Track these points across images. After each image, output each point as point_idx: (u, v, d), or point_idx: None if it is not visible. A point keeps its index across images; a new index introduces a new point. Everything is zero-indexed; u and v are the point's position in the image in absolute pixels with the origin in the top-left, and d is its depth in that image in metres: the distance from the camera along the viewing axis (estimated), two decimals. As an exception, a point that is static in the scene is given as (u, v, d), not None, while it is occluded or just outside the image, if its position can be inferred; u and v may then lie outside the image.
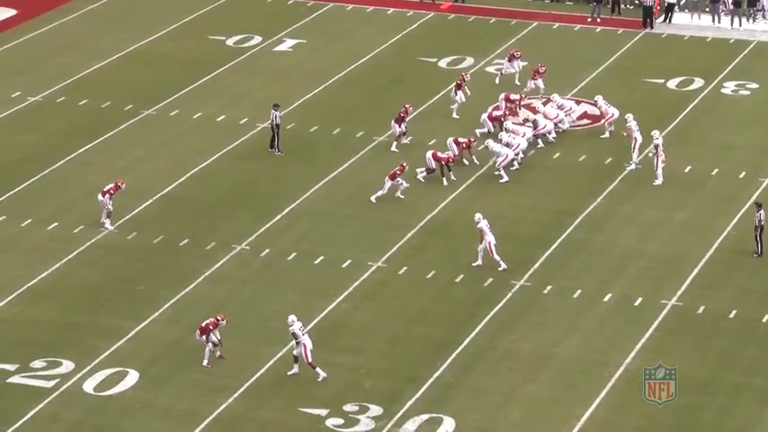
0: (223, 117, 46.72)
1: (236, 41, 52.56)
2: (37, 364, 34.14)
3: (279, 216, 40.77)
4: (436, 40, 52.84)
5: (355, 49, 51.60)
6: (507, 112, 45.20)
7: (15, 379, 33.65)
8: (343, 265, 38.36)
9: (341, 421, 32.31)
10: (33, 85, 48.75)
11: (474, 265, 37.79)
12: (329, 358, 34.42)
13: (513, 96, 46.09)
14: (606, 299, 37.05)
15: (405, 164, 41.62)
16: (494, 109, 45.40)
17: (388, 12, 55.33)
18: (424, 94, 48.03)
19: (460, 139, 43.23)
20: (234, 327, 34.84)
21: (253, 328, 35.50)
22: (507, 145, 42.80)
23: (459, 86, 46.13)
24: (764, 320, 36.08)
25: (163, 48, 51.92)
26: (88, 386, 33.47)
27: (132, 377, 33.79)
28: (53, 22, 53.99)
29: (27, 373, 33.83)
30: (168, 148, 44.77)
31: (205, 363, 33.82)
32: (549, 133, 44.55)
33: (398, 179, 41.22)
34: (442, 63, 50.91)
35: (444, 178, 42.18)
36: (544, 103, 46.22)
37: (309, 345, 33.37)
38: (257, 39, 52.72)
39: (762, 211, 38.67)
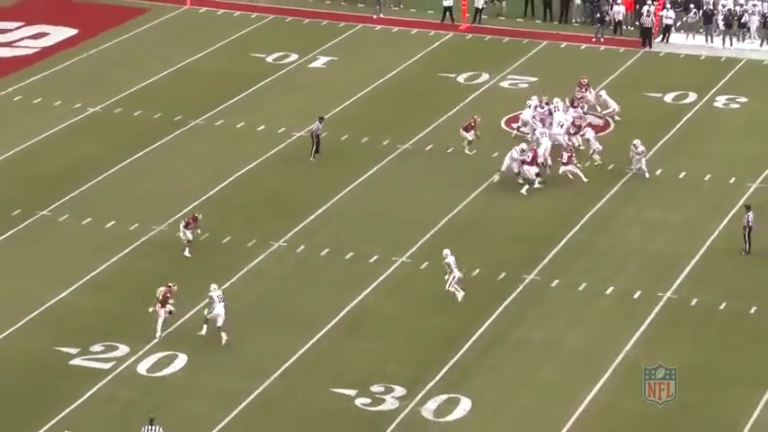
0: (263, 127, 46.81)
1: (275, 59, 52.64)
2: (96, 348, 34.29)
3: (312, 216, 40.84)
4: (455, 58, 52.81)
5: (382, 66, 51.62)
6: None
7: (76, 361, 33.81)
8: (371, 261, 38.41)
9: (368, 401, 32.37)
10: (93, 97, 48.89)
11: (459, 301, 35.95)
12: (358, 344, 34.51)
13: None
14: (608, 292, 37.03)
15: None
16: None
17: (412, 32, 55.35)
18: (444, 106, 48.03)
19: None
20: (271, 315, 34.96)
21: (288, 317, 35.57)
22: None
23: (468, 128, 43.95)
24: (752, 312, 36.00)
25: (209, 64, 52.02)
26: (141, 368, 33.60)
27: (181, 360, 33.91)
28: (110, 41, 54.14)
29: (87, 356, 33.99)
30: (213, 154, 44.89)
31: (158, 333, 34.26)
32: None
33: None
34: (461, 78, 50.90)
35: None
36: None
37: (223, 314, 33.76)
38: (294, 56, 52.77)
39: (750, 213, 38.60)
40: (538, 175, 41.78)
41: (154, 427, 29.87)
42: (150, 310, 34.54)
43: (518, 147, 42.47)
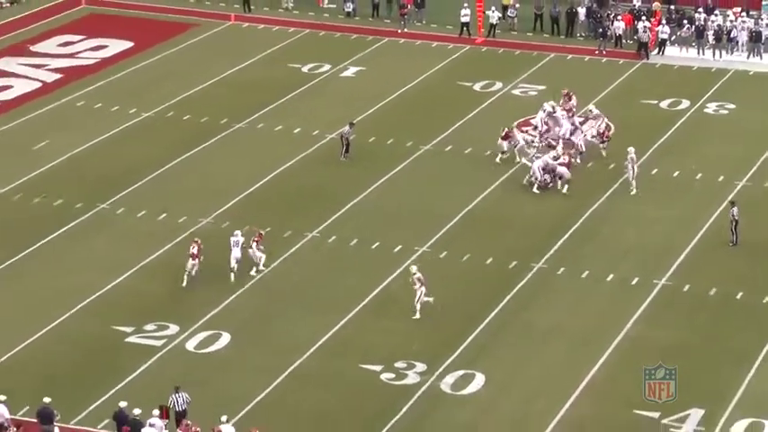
0: (299, 130, 46.77)
1: (309, 69, 52.57)
2: (149, 327, 34.34)
3: (343, 210, 40.78)
4: (471, 68, 52.64)
5: (406, 75, 51.48)
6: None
7: (131, 339, 33.88)
8: (395, 250, 38.34)
9: (393, 375, 32.32)
10: (147, 103, 48.92)
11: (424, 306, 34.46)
12: (384, 325, 34.45)
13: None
14: (609, 279, 36.87)
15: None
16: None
17: (433, 45, 55.20)
18: (462, 112, 47.89)
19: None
20: (305, 298, 34.93)
21: (321, 300, 35.53)
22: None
23: (506, 137, 43.48)
24: (738, 297, 35.81)
25: (251, 74, 52.00)
26: (189, 345, 33.65)
27: (225, 338, 33.93)
28: (163, 53, 54.17)
29: (141, 334, 34.05)
30: (254, 154, 44.87)
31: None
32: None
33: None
34: (476, 87, 50.73)
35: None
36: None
37: (238, 256, 35.94)
38: (327, 66, 52.70)
39: (735, 208, 38.38)
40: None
41: (180, 395, 29.76)
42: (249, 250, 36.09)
43: (551, 153, 41.88)
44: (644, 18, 54.30)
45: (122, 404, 29.48)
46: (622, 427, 30.48)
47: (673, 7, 55.98)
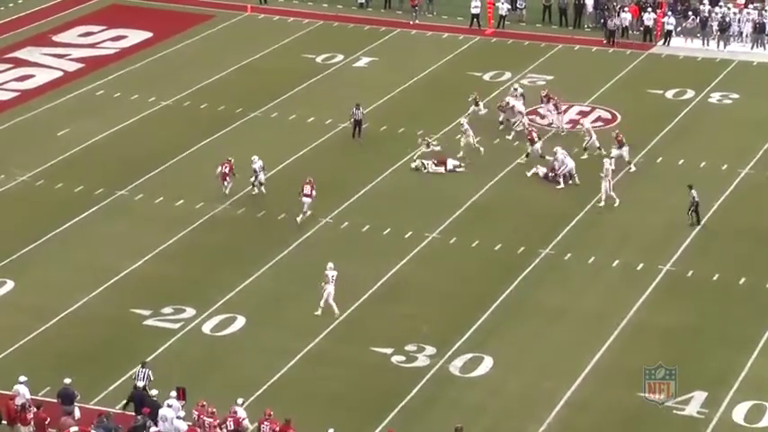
0: (312, 118, 46.67)
1: (323, 59, 52.45)
2: (166, 310, 34.34)
3: (356, 196, 40.70)
4: (481, 59, 52.48)
5: (417, 66, 51.34)
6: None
7: (149, 322, 33.88)
8: (406, 236, 38.26)
9: (403, 358, 32.28)
10: (165, 92, 48.87)
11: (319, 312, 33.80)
12: (395, 309, 34.39)
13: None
14: (614, 265, 36.75)
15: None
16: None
17: (444, 36, 55.02)
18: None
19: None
20: (318, 283, 34.81)
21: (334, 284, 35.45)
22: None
23: (531, 141, 42.57)
24: (741, 283, 35.67)
25: (266, 63, 51.91)
26: (206, 328, 33.65)
27: (240, 321, 33.91)
28: (181, 43, 54.09)
29: (158, 317, 34.05)
30: (269, 142, 44.79)
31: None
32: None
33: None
34: (486, 77, 50.55)
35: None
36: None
37: (262, 178, 39.06)
38: (340, 57, 52.56)
39: (694, 191, 38.21)
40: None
41: (144, 371, 29.64)
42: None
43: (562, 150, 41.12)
44: (650, 9, 54.09)
45: (140, 383, 29.49)
46: (627, 409, 30.40)
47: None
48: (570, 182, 40.90)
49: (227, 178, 40.09)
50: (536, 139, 42.71)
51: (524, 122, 44.31)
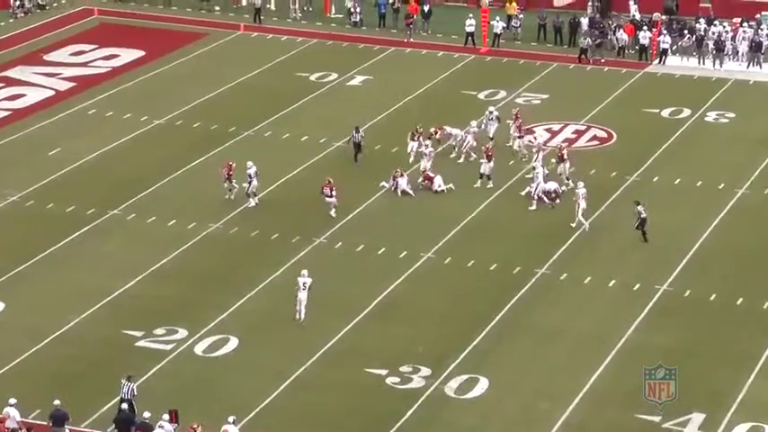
0: (306, 137, 46.63)
1: (317, 77, 52.48)
2: (159, 331, 34.19)
3: (350, 216, 40.63)
4: (476, 77, 52.52)
5: (412, 84, 51.37)
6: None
7: (141, 343, 33.73)
8: (400, 256, 38.17)
9: (398, 380, 32.15)
10: (157, 111, 48.83)
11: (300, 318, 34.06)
12: (389, 330, 34.27)
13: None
14: (611, 284, 36.67)
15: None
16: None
17: (438, 54, 55.08)
18: (466, 119, 47.62)
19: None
20: (312, 303, 34.66)
21: (327, 305, 35.30)
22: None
23: (561, 158, 42.17)
24: (738, 303, 35.59)
25: (260, 82, 51.91)
26: (198, 349, 33.49)
27: (233, 342, 33.77)
28: (173, 62, 54.09)
29: (151, 338, 33.90)
30: (263, 161, 44.58)
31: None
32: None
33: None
34: (481, 95, 50.59)
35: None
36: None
37: (255, 184, 39.58)
38: (334, 75, 52.59)
39: (640, 206, 38.13)
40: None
41: (129, 385, 29.70)
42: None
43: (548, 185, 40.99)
44: (645, 28, 54.18)
45: (124, 406, 29.38)
46: (625, 430, 30.25)
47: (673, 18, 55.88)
48: (550, 202, 40.57)
49: (231, 179, 40.73)
50: (492, 157, 42.50)
51: (468, 139, 44.02)
